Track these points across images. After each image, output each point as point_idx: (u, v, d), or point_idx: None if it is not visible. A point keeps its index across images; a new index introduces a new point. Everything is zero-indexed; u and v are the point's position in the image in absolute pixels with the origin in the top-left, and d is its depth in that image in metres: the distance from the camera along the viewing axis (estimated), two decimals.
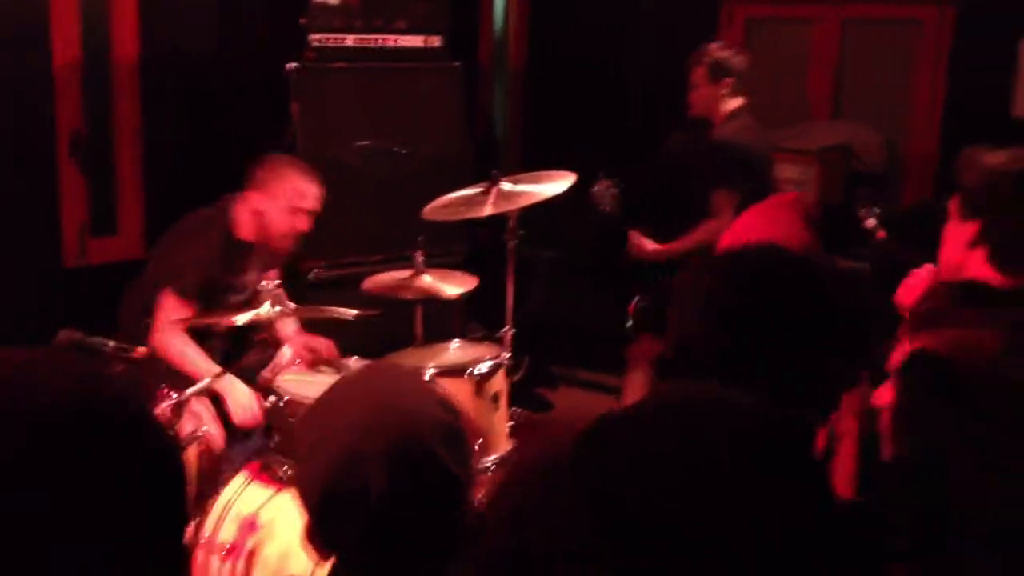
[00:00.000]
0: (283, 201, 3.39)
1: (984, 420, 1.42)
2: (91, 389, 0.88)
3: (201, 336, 3.56)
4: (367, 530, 1.33)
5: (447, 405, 1.44)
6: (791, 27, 5.10)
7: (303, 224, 3.45)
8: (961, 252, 2.06)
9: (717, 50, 4.14)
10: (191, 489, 2.92)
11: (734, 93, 4.12)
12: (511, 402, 3.58)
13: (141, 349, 2.80)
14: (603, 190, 3.47)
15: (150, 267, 3.51)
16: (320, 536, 1.38)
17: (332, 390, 1.46)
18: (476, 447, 3.24)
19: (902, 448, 1.47)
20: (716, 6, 5.19)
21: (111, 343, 2.88)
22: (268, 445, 2.96)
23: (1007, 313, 1.43)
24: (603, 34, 5.44)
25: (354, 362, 3.33)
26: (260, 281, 3.56)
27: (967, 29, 4.57)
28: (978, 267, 2.03)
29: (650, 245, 4.20)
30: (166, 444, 0.94)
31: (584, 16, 5.63)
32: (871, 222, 3.13)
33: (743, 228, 2.16)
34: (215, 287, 3.44)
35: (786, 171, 4.76)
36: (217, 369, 3.13)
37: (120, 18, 4.36)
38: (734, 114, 4.12)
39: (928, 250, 2.34)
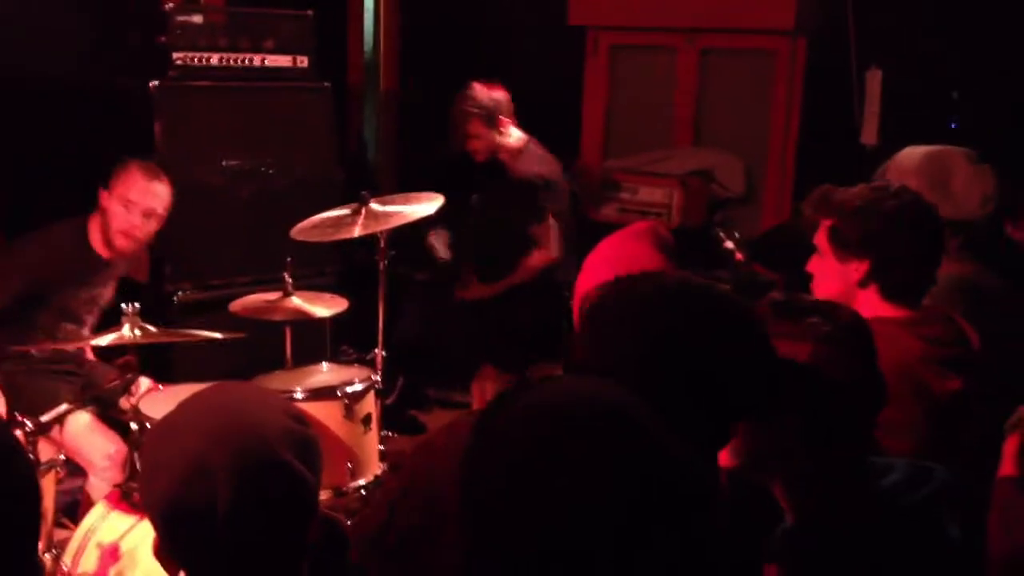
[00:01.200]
0: (118, 195, 3.40)
1: None
2: None
3: (54, 362, 3.47)
4: (216, 542, 1.32)
5: (294, 414, 1.44)
6: (655, 55, 5.24)
7: (138, 223, 3.40)
8: (846, 290, 2.12)
9: (482, 98, 4.27)
10: (48, 518, 2.83)
11: (510, 129, 4.32)
12: (383, 425, 3.57)
13: None
14: (436, 239, 3.58)
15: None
16: (169, 551, 1.37)
17: (177, 408, 1.45)
18: (348, 466, 3.23)
19: None
20: (582, 33, 5.31)
21: None
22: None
23: (818, 326, 1.51)
24: (473, 58, 5.50)
25: None
26: (110, 296, 3.55)
27: (818, 59, 4.78)
28: (869, 303, 2.08)
29: (478, 288, 4.40)
30: (31, 474, 0.92)
31: (455, 40, 5.68)
32: (730, 245, 3.26)
33: (598, 262, 2.15)
34: (55, 292, 3.43)
35: (650, 195, 4.91)
36: None
37: None
38: (522, 148, 4.33)
39: (783, 272, 2.43)
